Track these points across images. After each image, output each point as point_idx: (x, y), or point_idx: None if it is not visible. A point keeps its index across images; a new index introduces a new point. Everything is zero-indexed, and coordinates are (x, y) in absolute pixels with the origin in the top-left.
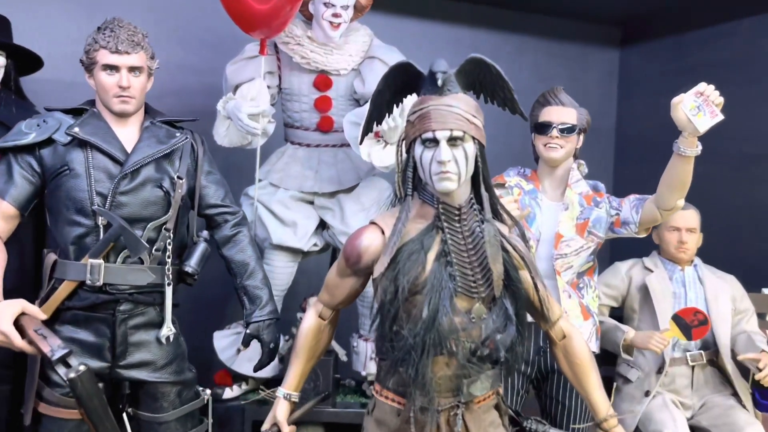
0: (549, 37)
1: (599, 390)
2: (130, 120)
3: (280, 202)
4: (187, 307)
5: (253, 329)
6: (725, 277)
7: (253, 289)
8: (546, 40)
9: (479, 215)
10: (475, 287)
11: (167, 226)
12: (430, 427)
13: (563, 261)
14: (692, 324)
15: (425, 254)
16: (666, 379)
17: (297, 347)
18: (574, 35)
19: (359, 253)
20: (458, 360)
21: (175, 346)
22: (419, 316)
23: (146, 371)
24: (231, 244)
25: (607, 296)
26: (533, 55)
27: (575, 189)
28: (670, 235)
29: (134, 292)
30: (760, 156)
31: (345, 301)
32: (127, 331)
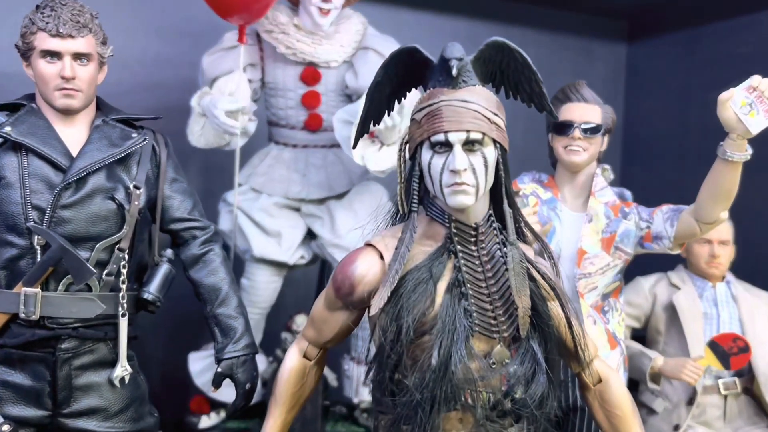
0: (552, 31)
1: None
2: (77, 118)
3: (262, 210)
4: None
5: (226, 367)
6: (761, 295)
7: (226, 318)
8: (549, 34)
9: (500, 236)
10: (496, 325)
11: (121, 246)
12: None
13: (587, 281)
14: (731, 352)
15: (434, 285)
16: (696, 410)
17: (276, 393)
18: (578, 28)
19: (352, 283)
20: (475, 416)
21: (131, 388)
22: (427, 362)
23: (96, 420)
24: (200, 265)
25: (629, 316)
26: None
27: (600, 198)
28: (701, 248)
29: (80, 326)
30: None
31: (334, 339)
32: (71, 372)
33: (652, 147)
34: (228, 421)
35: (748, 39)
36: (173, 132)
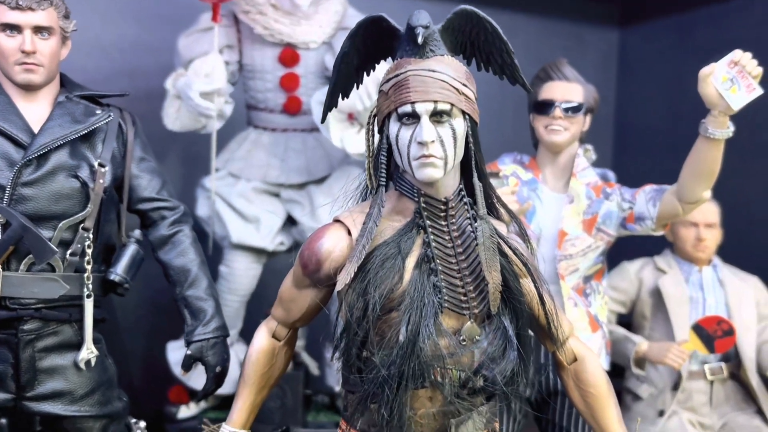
0: (543, 16)
1: (619, 426)
2: (40, 94)
3: (241, 195)
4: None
5: (196, 350)
6: (748, 279)
7: (196, 300)
8: (539, 19)
9: (471, 211)
10: (466, 302)
11: (85, 225)
12: None
13: (568, 263)
14: (715, 335)
15: (403, 260)
16: (681, 396)
17: (245, 374)
18: (569, 13)
19: (319, 259)
20: (444, 394)
21: (98, 372)
22: (395, 339)
23: (61, 403)
24: (169, 246)
25: (614, 301)
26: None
27: (582, 179)
28: (687, 231)
29: (43, 307)
30: None
31: (303, 318)
32: (34, 354)
33: (644, 133)
34: (207, 411)
35: (741, 24)
36: (153, 118)
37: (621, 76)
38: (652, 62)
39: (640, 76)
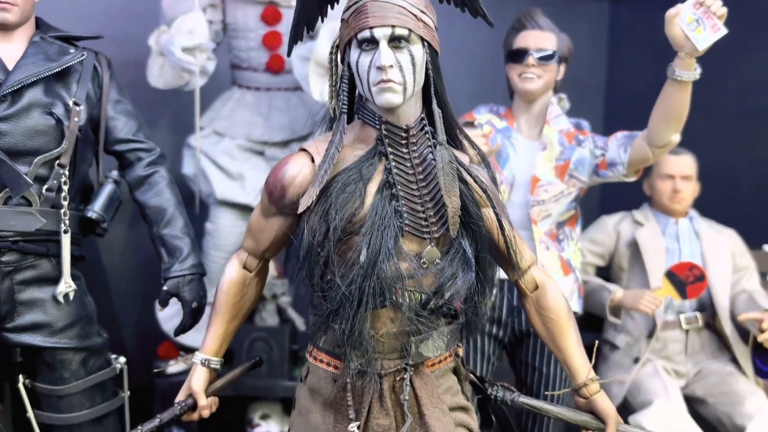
0: None
1: (578, 351)
2: (15, 34)
3: (225, 153)
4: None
5: (172, 286)
6: (724, 231)
7: (172, 239)
8: None
9: (432, 139)
10: (427, 226)
11: (61, 162)
12: (370, 394)
13: (540, 208)
14: (687, 281)
15: (364, 186)
16: (657, 345)
17: (217, 304)
18: None
19: (283, 185)
20: (405, 314)
21: (77, 306)
22: (355, 259)
23: (41, 335)
24: (145, 187)
25: (592, 254)
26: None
27: (554, 126)
28: (664, 184)
29: (20, 239)
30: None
31: (272, 247)
32: (13, 286)
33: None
34: None
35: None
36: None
37: (612, 47)
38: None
39: (631, 47)
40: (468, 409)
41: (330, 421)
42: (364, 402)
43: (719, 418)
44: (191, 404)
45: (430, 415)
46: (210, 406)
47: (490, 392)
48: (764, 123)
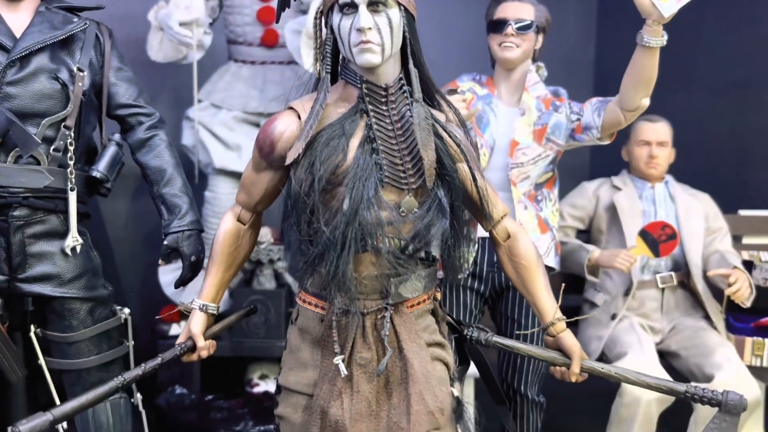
0: None
1: (546, 293)
2: (22, 5)
3: (222, 124)
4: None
5: (172, 240)
6: (698, 195)
7: (171, 197)
8: None
9: (410, 98)
10: (405, 177)
11: (66, 124)
12: (354, 331)
13: (519, 170)
14: (660, 239)
15: (347, 140)
16: (635, 303)
17: (213, 254)
18: None
19: (272, 140)
20: (385, 258)
21: (84, 260)
22: (339, 208)
23: (50, 286)
24: (146, 149)
25: (573, 218)
26: None
27: (532, 92)
28: (640, 150)
29: (30, 195)
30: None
31: (263, 200)
32: (24, 240)
33: None
34: None
35: None
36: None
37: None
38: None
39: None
40: (444, 345)
41: (318, 356)
42: (349, 338)
43: (690, 369)
44: (191, 345)
45: (409, 349)
46: (208, 347)
47: (466, 333)
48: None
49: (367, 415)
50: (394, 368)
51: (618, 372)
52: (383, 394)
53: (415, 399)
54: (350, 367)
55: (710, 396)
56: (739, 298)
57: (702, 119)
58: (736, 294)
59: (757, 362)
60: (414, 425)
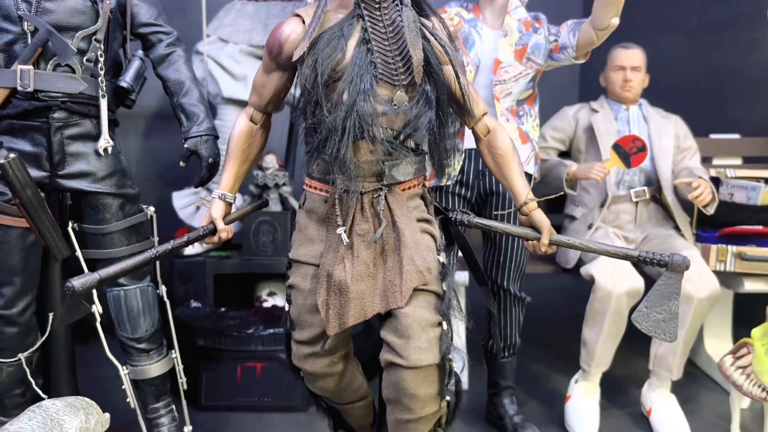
0: None
1: (520, 178)
2: None
3: (229, 57)
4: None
5: (191, 144)
6: (669, 117)
7: (190, 106)
8: None
9: (400, 6)
10: (396, 74)
11: (97, 37)
12: (353, 207)
13: (502, 87)
14: (631, 152)
15: (345, 41)
16: (610, 216)
17: (229, 150)
18: None
19: (280, 43)
20: (379, 144)
21: (114, 161)
22: (339, 99)
23: (86, 182)
24: (166, 64)
25: (554, 139)
26: None
27: (514, 15)
28: (615, 74)
29: (67, 100)
30: (719, 22)
31: (273, 100)
32: (63, 140)
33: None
34: (210, 250)
35: None
36: None
37: None
38: None
39: None
40: (431, 221)
41: (323, 232)
42: (349, 213)
43: (659, 271)
44: (212, 228)
45: (401, 222)
46: (227, 231)
47: (451, 215)
48: (720, 35)
49: (366, 276)
50: (388, 238)
51: (582, 242)
52: (379, 259)
53: (407, 261)
54: (351, 237)
55: (659, 258)
56: (701, 202)
57: (679, 57)
58: (698, 199)
59: (721, 267)
60: (405, 282)
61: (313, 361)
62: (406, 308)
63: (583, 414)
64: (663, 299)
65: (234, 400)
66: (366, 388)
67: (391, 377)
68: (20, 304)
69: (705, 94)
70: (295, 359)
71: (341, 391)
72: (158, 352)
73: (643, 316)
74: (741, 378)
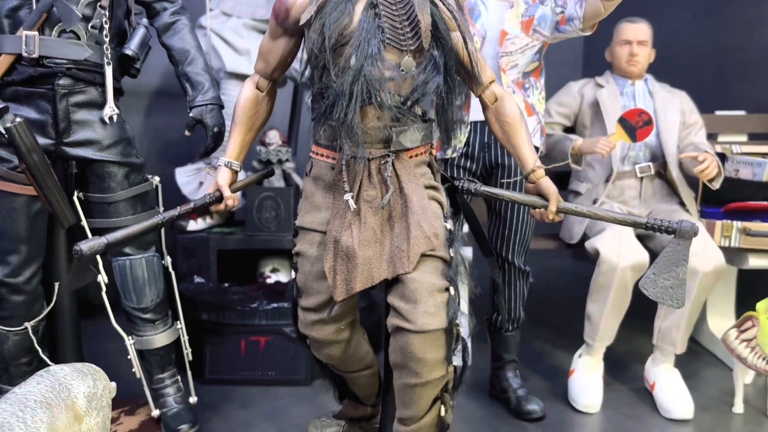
0: None
1: (528, 145)
2: None
3: (233, 30)
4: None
5: (197, 113)
6: (675, 92)
7: (195, 75)
8: None
9: None
10: (404, 39)
11: (102, 3)
12: (361, 173)
13: (508, 59)
14: (637, 125)
15: (353, 5)
16: (615, 192)
17: (235, 118)
18: None
19: (287, 7)
20: (387, 109)
21: (120, 129)
22: (347, 65)
23: (92, 150)
24: (170, 32)
25: (559, 114)
26: None
27: None
28: (621, 49)
29: (72, 67)
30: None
31: (279, 66)
32: (68, 107)
33: None
34: (213, 227)
35: None
36: None
37: None
38: None
39: None
40: (439, 188)
41: (330, 199)
42: (356, 179)
43: (663, 245)
44: (218, 196)
45: (408, 188)
46: (233, 199)
47: (457, 184)
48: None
49: (373, 242)
50: (395, 205)
51: (590, 210)
52: (387, 225)
53: (414, 226)
54: (358, 203)
55: (667, 225)
56: (706, 176)
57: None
58: (704, 173)
59: (726, 243)
60: (413, 247)
61: (319, 328)
62: (414, 273)
63: (587, 387)
64: (671, 266)
65: (238, 374)
66: (372, 357)
67: (398, 342)
68: (26, 272)
69: (711, 71)
70: (302, 326)
71: (347, 359)
72: (163, 323)
73: (651, 282)
74: (745, 351)
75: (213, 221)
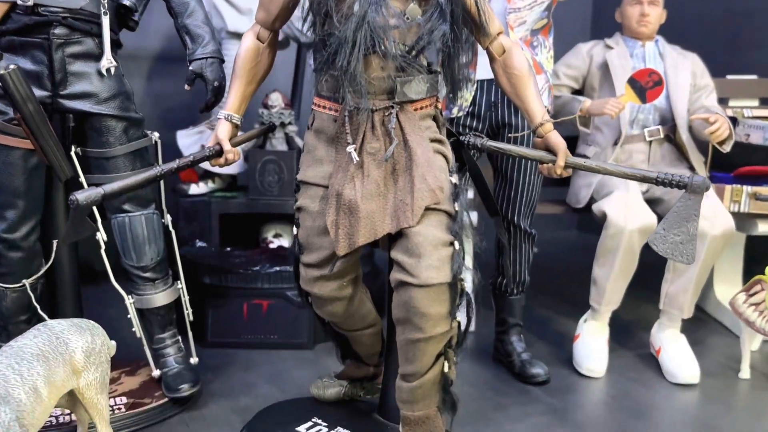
0: None
1: (536, 99)
2: None
3: None
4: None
5: (196, 66)
6: (686, 54)
7: (194, 27)
8: None
9: None
10: None
11: None
12: (364, 125)
13: (516, 15)
14: (647, 86)
15: None
16: (623, 155)
17: (235, 70)
18: None
19: None
20: (391, 59)
21: (118, 82)
22: (351, 12)
23: (89, 103)
24: None
25: (567, 77)
26: None
27: None
28: (632, 9)
29: (68, 16)
30: None
31: (281, 15)
32: (64, 58)
33: None
34: (215, 190)
35: None
36: None
37: None
38: None
39: None
40: (444, 142)
41: (332, 152)
42: (359, 131)
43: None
44: (218, 150)
45: (413, 141)
46: (233, 153)
47: (463, 138)
48: None
49: (376, 195)
50: (399, 158)
51: (599, 164)
52: (390, 179)
53: (418, 179)
54: (361, 156)
55: (678, 179)
56: (717, 138)
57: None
58: (715, 134)
59: (735, 208)
60: (417, 200)
61: (321, 285)
62: (418, 227)
63: (592, 352)
64: (681, 221)
65: (240, 337)
66: (374, 316)
67: (401, 296)
68: (24, 228)
69: (722, 35)
70: (304, 283)
71: (349, 317)
72: (164, 282)
73: (661, 238)
74: (754, 315)
75: (215, 185)
